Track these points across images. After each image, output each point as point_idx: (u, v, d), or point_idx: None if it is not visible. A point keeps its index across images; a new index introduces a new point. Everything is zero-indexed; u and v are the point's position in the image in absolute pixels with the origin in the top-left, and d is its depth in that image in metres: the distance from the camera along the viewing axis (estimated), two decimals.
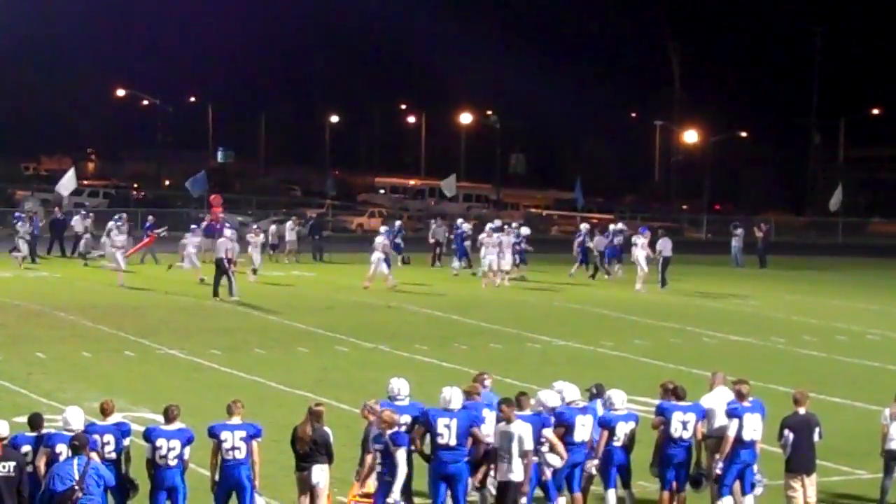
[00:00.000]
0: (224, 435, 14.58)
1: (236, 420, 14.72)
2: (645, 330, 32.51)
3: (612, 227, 46.79)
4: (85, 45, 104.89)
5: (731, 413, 15.88)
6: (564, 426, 15.57)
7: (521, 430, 14.94)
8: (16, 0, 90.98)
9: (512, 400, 15.28)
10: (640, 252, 41.27)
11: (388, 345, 28.93)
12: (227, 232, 38.09)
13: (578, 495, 15.72)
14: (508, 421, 15.01)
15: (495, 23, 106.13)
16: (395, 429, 14.86)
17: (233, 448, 14.56)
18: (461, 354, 27.94)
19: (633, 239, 42.37)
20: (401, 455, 14.77)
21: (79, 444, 13.76)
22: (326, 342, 29.51)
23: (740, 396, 16.02)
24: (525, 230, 45.84)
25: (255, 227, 47.01)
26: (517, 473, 14.89)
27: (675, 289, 41.75)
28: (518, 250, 43.60)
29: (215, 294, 36.61)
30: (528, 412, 15.42)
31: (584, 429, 15.67)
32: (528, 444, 14.91)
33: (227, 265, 36.72)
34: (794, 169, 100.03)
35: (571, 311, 36.60)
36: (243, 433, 14.62)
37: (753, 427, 15.86)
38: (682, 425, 15.85)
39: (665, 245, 42.20)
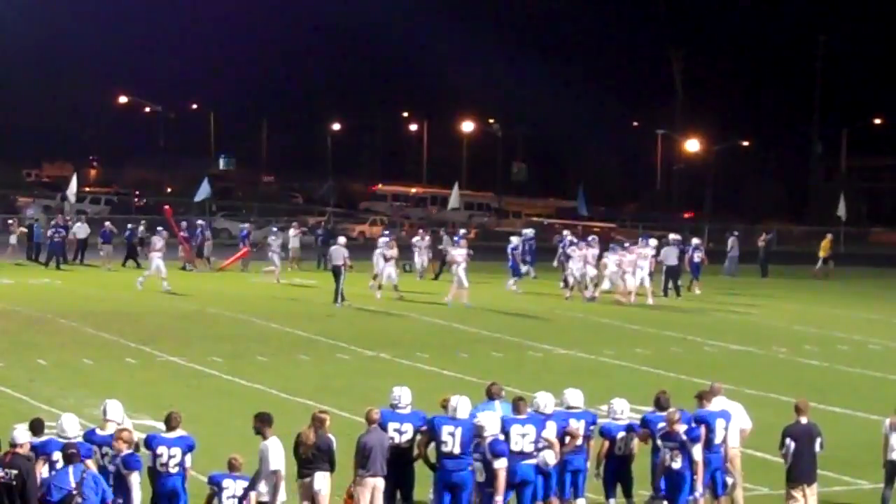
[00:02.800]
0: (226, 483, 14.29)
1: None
2: (646, 339, 32.49)
3: (694, 241, 45.88)
4: (87, 51, 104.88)
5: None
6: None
7: (272, 446, 14.49)
8: (18, 7, 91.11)
9: (266, 416, 14.83)
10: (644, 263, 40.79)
11: (389, 353, 28.92)
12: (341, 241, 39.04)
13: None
14: (264, 437, 14.66)
15: (497, 31, 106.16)
16: (130, 450, 14.16)
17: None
18: (462, 363, 27.93)
19: (640, 250, 41.52)
20: (134, 479, 14.09)
21: (74, 453, 13.69)
22: (328, 350, 29.51)
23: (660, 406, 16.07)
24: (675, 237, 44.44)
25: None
26: (265, 494, 14.41)
27: (675, 298, 41.82)
28: (695, 262, 42.99)
29: (343, 299, 37.27)
30: (524, 416, 15.46)
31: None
32: (275, 465, 14.43)
33: (343, 272, 37.31)
34: (796, 178, 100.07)
35: (573, 319, 36.58)
36: (245, 483, 14.35)
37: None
38: None
39: (669, 254, 42.13)
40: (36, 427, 14.44)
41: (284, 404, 22.92)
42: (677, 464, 15.55)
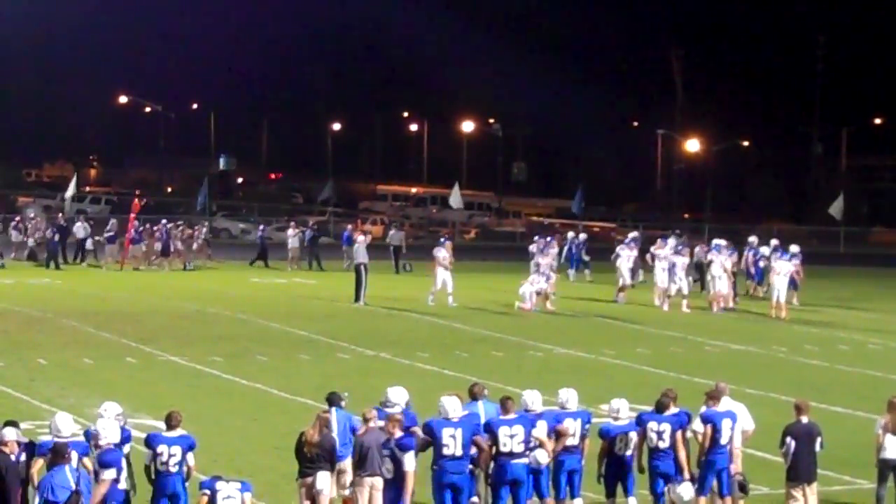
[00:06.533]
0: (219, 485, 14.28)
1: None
2: (646, 338, 32.47)
3: (793, 248, 40.85)
4: (87, 52, 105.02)
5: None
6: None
7: None
8: (18, 7, 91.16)
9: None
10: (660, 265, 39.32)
11: (389, 352, 28.91)
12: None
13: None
14: None
15: (498, 32, 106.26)
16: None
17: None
18: (462, 362, 27.92)
19: (654, 251, 39.57)
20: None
21: (68, 453, 13.69)
22: (328, 349, 29.51)
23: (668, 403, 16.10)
24: (775, 242, 42.00)
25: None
26: None
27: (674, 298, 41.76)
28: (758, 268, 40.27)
29: (357, 299, 37.38)
30: (512, 415, 15.42)
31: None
32: None
33: (365, 271, 37.40)
34: (796, 178, 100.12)
35: (573, 319, 36.57)
36: (238, 484, 14.31)
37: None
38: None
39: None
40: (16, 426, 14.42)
41: (285, 404, 22.93)
42: (389, 473, 14.86)
